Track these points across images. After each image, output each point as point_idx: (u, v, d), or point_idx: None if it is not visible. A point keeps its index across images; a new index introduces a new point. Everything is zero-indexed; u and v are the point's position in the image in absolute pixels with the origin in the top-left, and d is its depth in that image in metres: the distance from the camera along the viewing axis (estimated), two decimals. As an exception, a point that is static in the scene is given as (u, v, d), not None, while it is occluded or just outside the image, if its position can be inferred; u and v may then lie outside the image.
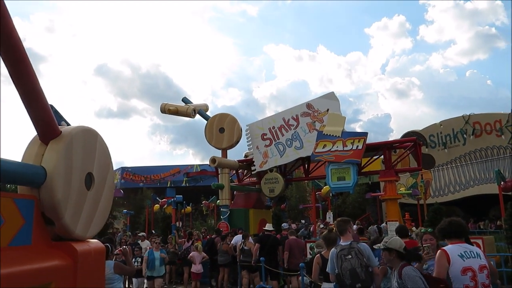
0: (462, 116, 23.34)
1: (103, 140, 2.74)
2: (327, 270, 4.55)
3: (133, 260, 8.46)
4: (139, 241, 12.36)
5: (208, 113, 15.55)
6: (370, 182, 29.96)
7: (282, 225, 11.78)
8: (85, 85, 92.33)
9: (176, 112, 14.34)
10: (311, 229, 20.73)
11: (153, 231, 18.69)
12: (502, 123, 21.32)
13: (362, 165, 13.11)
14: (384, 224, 20.05)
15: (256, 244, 10.01)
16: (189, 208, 32.82)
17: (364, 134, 12.32)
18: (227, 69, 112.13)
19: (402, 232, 6.19)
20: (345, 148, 12.38)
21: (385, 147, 12.48)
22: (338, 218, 4.92)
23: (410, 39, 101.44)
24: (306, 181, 34.75)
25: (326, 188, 20.97)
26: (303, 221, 26.89)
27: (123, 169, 41.07)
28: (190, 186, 39.20)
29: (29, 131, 2.38)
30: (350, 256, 4.22)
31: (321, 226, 19.49)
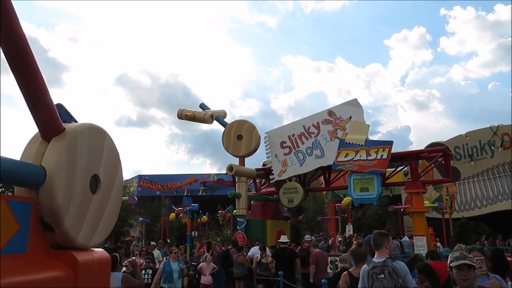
0: (490, 127, 22.35)
1: (112, 140, 2.51)
2: (357, 289, 4.00)
3: (143, 272, 7.89)
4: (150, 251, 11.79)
5: (226, 120, 15.17)
6: (391, 195, 29.05)
7: (305, 237, 11.23)
8: (105, 94, 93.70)
9: (193, 118, 13.98)
10: (330, 242, 20.02)
11: (168, 240, 18.29)
12: (533, 135, 20.26)
13: (385, 176, 12.49)
14: (405, 238, 19.20)
15: (270, 258, 9.54)
16: (205, 218, 32.41)
17: (389, 143, 11.70)
18: (245, 80, 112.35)
19: (434, 257, 5.66)
20: (369, 158, 11.79)
21: (412, 157, 11.83)
22: (376, 231, 4.36)
23: (431, 51, 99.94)
24: (324, 192, 34.26)
25: (346, 200, 20.30)
26: (321, 233, 26.11)
27: (140, 177, 41.06)
28: (207, 195, 38.87)
29: (32, 129, 2.15)
30: (383, 276, 3.67)
31: (339, 239, 18.81)
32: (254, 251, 10.69)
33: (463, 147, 24.12)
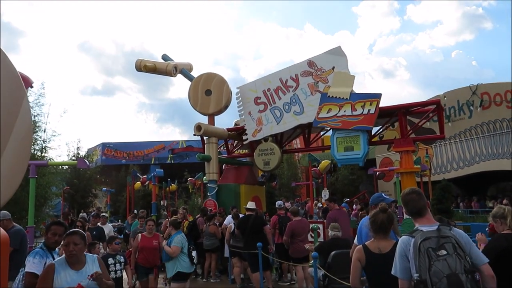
0: (469, 86, 21.53)
1: (9, 60, 1.82)
2: (392, 272, 2.64)
3: (111, 262, 5.77)
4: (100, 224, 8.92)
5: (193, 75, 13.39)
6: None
7: (277, 203, 9.90)
8: (68, 61, 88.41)
9: (154, 69, 12.13)
10: (307, 207, 19.04)
11: (134, 211, 16.74)
12: (513, 94, 19.57)
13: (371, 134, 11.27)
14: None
15: (236, 229, 8.29)
16: (173, 186, 30.96)
17: (378, 96, 10.39)
18: (214, 47, 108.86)
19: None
20: (354, 113, 10.47)
21: (401, 112, 10.59)
22: (407, 190, 2.95)
23: (398, 19, 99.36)
24: (298, 158, 33.23)
25: (324, 163, 19.22)
26: (297, 200, 25.19)
27: (104, 145, 38.73)
28: (176, 163, 37.17)
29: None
30: (444, 252, 2.31)
31: (319, 205, 17.82)
32: (229, 219, 9.35)
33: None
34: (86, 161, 9.18)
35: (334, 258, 5.31)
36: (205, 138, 12.11)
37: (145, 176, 21.60)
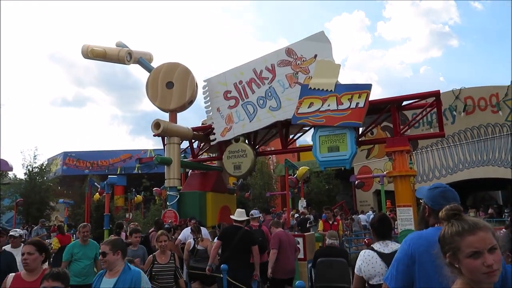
0: (452, 90, 20.55)
1: None
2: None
3: None
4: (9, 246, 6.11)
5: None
6: (342, 168, 26.96)
7: (252, 212, 8.19)
8: (38, 72, 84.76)
9: (104, 55, 10.27)
10: (283, 219, 17.35)
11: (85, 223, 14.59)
12: (499, 98, 18.66)
13: (359, 132, 9.76)
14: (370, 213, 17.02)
15: (217, 240, 6.33)
16: (139, 197, 28.75)
17: (367, 87, 8.90)
18: (187, 60, 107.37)
19: None
20: (340, 107, 8.94)
21: (394, 106, 9.13)
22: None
23: (369, 35, 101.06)
24: (272, 168, 31.59)
25: (302, 170, 17.64)
26: (272, 210, 23.46)
27: (66, 154, 35.98)
28: (143, 173, 34.85)
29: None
30: None
31: (296, 215, 16.19)
32: (186, 233, 7.53)
33: (421, 114, 22.32)
34: (8, 162, 7.24)
35: (318, 265, 5.58)
36: (166, 139, 10.33)
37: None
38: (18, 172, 39.80)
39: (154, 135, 11.23)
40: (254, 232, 7.10)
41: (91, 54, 10.05)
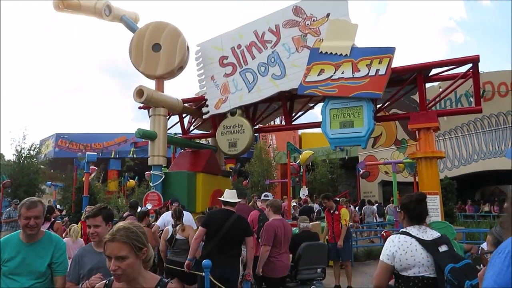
0: (469, 75, 19.00)
1: None
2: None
3: None
4: None
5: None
6: (346, 157, 25.56)
7: (263, 195, 7.08)
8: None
9: (78, 8, 8.76)
10: (284, 207, 16.00)
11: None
12: (522, 83, 17.16)
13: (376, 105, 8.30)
14: (390, 205, 15.66)
15: (200, 228, 4.91)
16: (132, 182, 27.46)
17: (391, 51, 7.43)
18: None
19: None
20: (357, 74, 7.48)
21: (421, 74, 7.65)
22: None
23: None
24: (271, 154, 30.17)
25: (306, 154, 16.22)
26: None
27: (58, 136, 34.57)
28: (138, 157, 33.45)
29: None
30: None
31: (294, 204, 14.87)
32: (166, 219, 6.13)
33: (434, 100, 20.83)
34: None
35: (304, 249, 5.65)
36: (150, 110, 8.91)
37: (94, 167, 18.15)
38: (7, 153, 38.53)
39: (140, 108, 9.86)
40: (265, 217, 5.76)
41: (62, 5, 8.56)
